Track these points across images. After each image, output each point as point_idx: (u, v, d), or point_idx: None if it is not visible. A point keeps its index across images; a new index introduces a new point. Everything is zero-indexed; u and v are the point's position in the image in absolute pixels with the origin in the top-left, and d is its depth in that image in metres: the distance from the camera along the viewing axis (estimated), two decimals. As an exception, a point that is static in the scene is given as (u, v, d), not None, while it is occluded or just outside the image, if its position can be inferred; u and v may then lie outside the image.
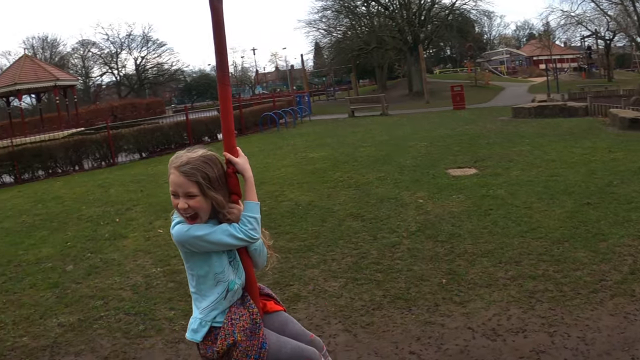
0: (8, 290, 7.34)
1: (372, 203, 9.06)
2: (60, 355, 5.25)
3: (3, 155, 21.26)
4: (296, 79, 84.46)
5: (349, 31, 58.86)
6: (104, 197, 13.27)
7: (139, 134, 23.04)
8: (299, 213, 9.03)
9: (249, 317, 2.93)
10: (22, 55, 45.14)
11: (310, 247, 7.27)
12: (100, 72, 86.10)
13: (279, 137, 22.92)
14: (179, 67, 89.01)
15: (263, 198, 10.30)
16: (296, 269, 6.53)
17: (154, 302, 6.14)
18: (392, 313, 5.06)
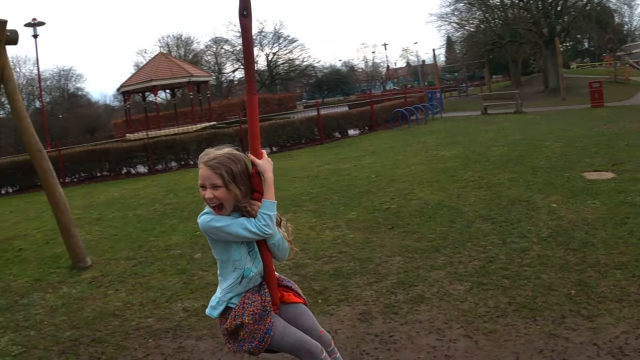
0: (137, 273, 7.76)
1: (502, 205, 8.87)
2: (182, 338, 5.48)
3: (139, 146, 22.42)
4: (427, 74, 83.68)
5: (482, 24, 57.48)
6: (234, 191, 13.68)
7: (271, 128, 23.55)
8: (427, 212, 8.98)
9: (260, 303, 3.32)
10: (158, 53, 47.17)
11: (437, 247, 7.20)
12: (232, 68, 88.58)
13: (410, 134, 22.80)
14: (309, 62, 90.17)
15: (392, 196, 10.37)
16: (421, 270, 6.47)
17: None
18: (516, 322, 4.92)
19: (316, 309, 5.69)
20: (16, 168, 22.46)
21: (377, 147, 19.14)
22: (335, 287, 6.28)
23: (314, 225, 9.12)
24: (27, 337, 6.05)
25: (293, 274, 6.86)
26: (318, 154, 19.74)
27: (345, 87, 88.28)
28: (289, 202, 11.15)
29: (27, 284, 8.13)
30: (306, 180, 13.73)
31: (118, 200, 14.85)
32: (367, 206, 9.98)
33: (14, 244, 11.12)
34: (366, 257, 7.16)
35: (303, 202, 11.01)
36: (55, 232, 10.31)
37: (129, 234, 10.33)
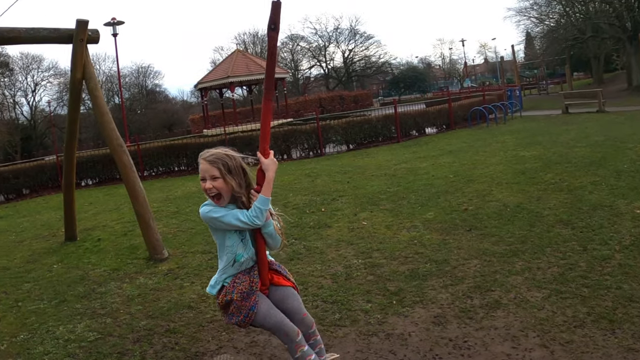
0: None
1: (584, 210, 8.65)
2: (255, 333, 5.55)
3: (216, 142, 22.73)
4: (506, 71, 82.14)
5: (562, 19, 55.89)
6: (310, 187, 13.79)
7: (347, 126, 23.61)
8: (506, 215, 8.86)
9: (248, 284, 3.88)
10: (235, 50, 47.78)
11: (515, 252, 7.08)
12: (308, 65, 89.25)
13: (488, 133, 22.49)
14: (386, 59, 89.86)
15: (470, 197, 10.29)
16: (499, 274, 6.39)
17: (352, 293, 6.31)
18: (594, 333, 4.79)
19: (390, 310, 5.73)
20: (96, 161, 23.25)
21: (455, 146, 18.98)
22: (411, 288, 6.28)
23: (390, 225, 9.14)
24: (103, 325, 6.29)
25: (368, 273, 6.92)
26: (395, 152, 19.69)
27: (422, 85, 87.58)
28: (365, 201, 11.20)
29: (105, 273, 8.47)
30: (383, 178, 13.73)
31: (195, 195, 15.16)
32: (444, 206, 9.93)
33: (93, 234, 11.53)
34: (443, 259, 7.13)
35: (380, 201, 11.03)
36: (133, 224, 10.65)
37: (206, 228, 10.50)
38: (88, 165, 23.16)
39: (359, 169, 16.23)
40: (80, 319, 6.59)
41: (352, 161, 18.57)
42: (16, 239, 12.71)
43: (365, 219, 9.72)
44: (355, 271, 7.06)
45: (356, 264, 7.33)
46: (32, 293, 8.01)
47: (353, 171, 15.82)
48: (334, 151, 23.27)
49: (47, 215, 16.01)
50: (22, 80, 68.46)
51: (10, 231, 14.08)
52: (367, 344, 5.06)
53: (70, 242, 11.14)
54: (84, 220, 13.39)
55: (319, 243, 8.56)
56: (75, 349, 5.69)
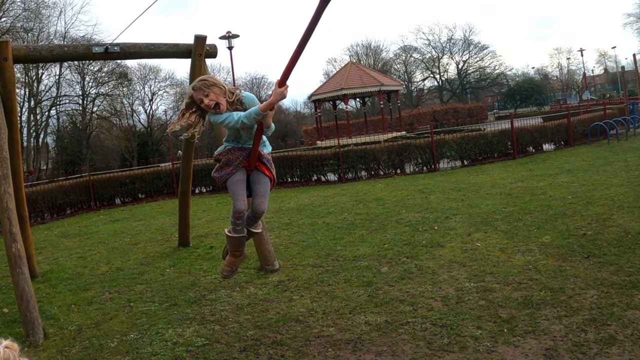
0: (323, 281, 8.08)
1: None
2: (362, 352, 5.63)
3: (329, 154, 23.06)
4: (628, 82, 78.91)
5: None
6: (423, 203, 13.77)
7: (462, 140, 23.30)
8: (627, 242, 8.46)
9: (236, 157, 5.04)
10: (348, 62, 48.25)
11: (635, 284, 6.71)
12: (422, 76, 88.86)
13: (609, 150, 21.66)
14: (501, 70, 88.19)
15: (589, 220, 10.01)
16: (616, 307, 6.08)
17: (462, 318, 6.23)
18: None
19: (500, 338, 5.63)
20: (210, 169, 23.88)
21: (574, 164, 18.40)
22: (523, 317, 6.12)
23: (504, 248, 9.01)
24: (211, 331, 6.58)
25: (480, 298, 6.84)
26: (510, 169, 19.32)
27: (539, 97, 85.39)
28: (479, 220, 11.09)
29: (216, 281, 8.81)
30: (498, 197, 13.54)
31: (307, 207, 15.41)
32: (561, 230, 9.67)
33: (205, 241, 11.95)
34: (558, 288, 6.90)
35: (495, 222, 10.89)
36: (246, 234, 10.92)
37: (317, 241, 10.72)
38: (203, 174, 23.95)
39: (473, 186, 16.05)
40: (190, 323, 6.91)
41: (467, 178, 18.37)
42: (131, 241, 13.37)
43: (479, 240, 9.61)
44: (467, 295, 6.99)
45: (468, 287, 7.25)
46: (144, 295, 8.50)
47: (467, 188, 15.66)
48: (448, 167, 23.06)
49: (162, 220, 16.72)
50: (140, 90, 71.43)
51: (125, 233, 14.81)
52: None
53: (183, 248, 11.62)
54: (197, 227, 13.89)
55: (431, 263, 8.54)
56: (182, 352, 5.99)
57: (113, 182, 24.55)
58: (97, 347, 6.45)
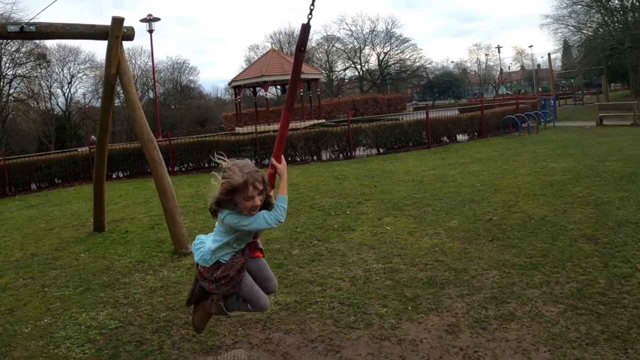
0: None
1: (609, 226, 8.51)
2: (271, 330, 5.71)
3: (247, 140, 23.00)
4: (542, 79, 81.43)
5: (601, 28, 55.33)
6: (337, 189, 13.86)
7: (378, 129, 23.59)
8: (530, 227, 8.78)
9: (243, 262, 4.31)
10: (270, 49, 48.03)
11: (535, 265, 7.01)
12: (343, 66, 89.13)
13: (520, 142, 22.33)
14: (421, 63, 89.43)
15: (496, 207, 10.27)
16: (516, 287, 6.34)
17: (369, 297, 6.37)
18: (606, 352, 4.71)
19: (405, 316, 5.78)
20: (128, 154, 23.59)
21: (485, 154, 18.90)
22: (427, 295, 6.30)
23: (413, 231, 9.16)
24: (124, 314, 6.49)
25: (387, 278, 6.97)
26: (424, 158, 19.66)
27: (457, 90, 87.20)
28: (390, 206, 11.23)
29: (130, 265, 8.70)
30: (410, 184, 13.73)
31: (224, 192, 15.29)
32: (469, 215, 9.92)
33: (121, 226, 11.74)
34: (462, 268, 7.12)
35: (405, 207, 11.05)
36: (161, 218, 10.82)
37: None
38: (120, 158, 23.51)
39: (387, 173, 16.25)
40: (103, 307, 6.79)
41: (381, 165, 18.58)
42: (46, 227, 12.99)
43: (389, 224, 9.75)
44: (374, 275, 7.12)
45: (376, 269, 7.38)
46: (58, 280, 8.29)
47: (381, 175, 15.84)
48: (364, 154, 23.28)
49: (77, 205, 16.31)
50: (59, 72, 69.48)
51: (40, 219, 14.39)
52: (379, 348, 5.11)
53: (98, 233, 11.38)
54: (113, 212, 13.61)
55: (341, 246, 8.62)
56: (95, 336, 5.89)
57: (29, 167, 23.81)
58: (11, 333, 6.25)
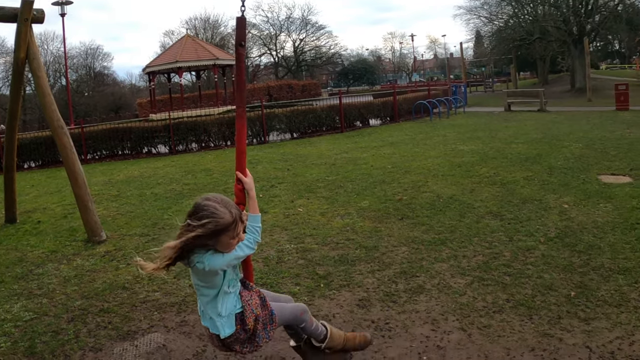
0: (149, 249, 7.89)
1: (514, 203, 8.84)
2: (186, 312, 5.67)
3: (161, 127, 22.64)
4: (455, 67, 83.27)
5: (511, 19, 56.81)
6: (251, 173, 13.78)
7: (292, 114, 23.61)
8: (438, 206, 9.00)
9: (256, 295, 3.67)
10: (185, 35, 47.36)
11: (443, 240, 7.24)
12: (259, 52, 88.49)
13: (431, 126, 22.76)
14: (336, 50, 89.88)
15: (406, 187, 10.42)
16: (425, 261, 6.55)
17: (282, 276, 6.41)
18: (512, 319, 4.94)
19: (317, 293, 5.86)
20: (39, 143, 22.76)
21: (397, 138, 19.15)
22: (339, 272, 6.39)
23: (325, 212, 9.20)
24: (39, 305, 6.24)
25: (300, 257, 7.02)
26: (337, 142, 19.75)
27: (371, 77, 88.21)
28: (303, 188, 11.23)
29: (43, 255, 8.36)
30: (323, 167, 13.78)
31: (137, 179, 15.01)
32: (379, 196, 10.03)
33: (33, 216, 11.33)
34: (372, 246, 7.25)
35: (317, 189, 11.07)
36: (74, 207, 10.49)
37: (145, 212, 10.49)
38: (32, 147, 22.65)
39: (300, 157, 16.26)
40: (17, 299, 6.52)
41: (294, 150, 18.58)
42: (-46, 220, 12.41)
43: (301, 206, 9.76)
44: (287, 255, 7.15)
45: (288, 249, 7.41)
46: (-32, 274, 7.88)
47: (294, 159, 15.84)
48: (278, 139, 23.24)
49: (-12, 197, 15.65)
50: (-33, 57, 66.41)
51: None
52: None
53: (10, 225, 10.92)
54: (25, 202, 13.12)
55: (255, 228, 8.57)
56: (10, 328, 5.65)
57: None
58: None
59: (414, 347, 4.65)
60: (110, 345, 5.10)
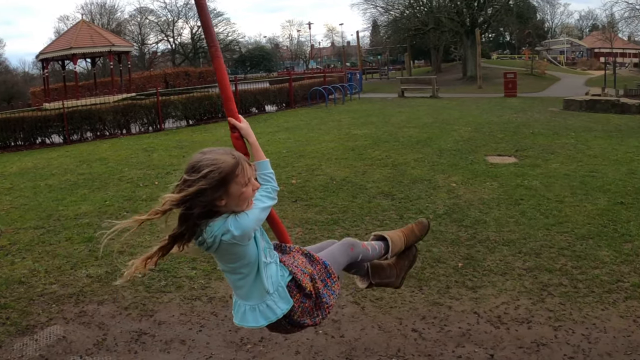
0: (45, 241, 7.70)
1: (405, 183, 9.07)
2: (84, 303, 5.58)
3: (54, 116, 21.88)
4: (351, 55, 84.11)
5: (407, 10, 58.13)
6: (146, 161, 13.57)
7: (188, 101, 23.32)
8: (331, 188, 9.11)
9: (299, 254, 3.00)
10: (80, 20, 45.86)
11: (336, 220, 7.40)
12: (156, 39, 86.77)
13: (326, 112, 22.97)
14: (234, 37, 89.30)
15: (300, 171, 10.49)
16: (318, 241, 6.56)
17: (179, 261, 6.39)
18: (403, 291, 5.14)
19: (214, 275, 5.94)
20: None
21: (292, 123, 19.23)
22: None
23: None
24: None
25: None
26: (233, 128, 19.58)
27: (269, 64, 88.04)
28: (198, 174, 11.14)
29: None
30: (218, 153, 13.68)
31: (30, 170, 14.49)
32: (274, 180, 10.04)
33: None
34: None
35: (212, 174, 10.99)
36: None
37: (39, 204, 10.16)
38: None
39: (196, 144, 16.10)
40: None
41: (190, 136, 18.39)
42: None
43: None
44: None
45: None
46: None
47: (190, 146, 15.66)
48: (174, 126, 22.91)
49: None
50: None
51: None
52: (191, 308, 5.23)
53: None
54: None
55: (150, 215, 8.45)
56: None
57: None
58: None
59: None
60: (10, 342, 4.99)
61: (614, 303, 5.04)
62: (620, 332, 4.59)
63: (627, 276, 5.57)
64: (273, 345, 4.54)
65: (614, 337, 4.52)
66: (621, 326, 4.67)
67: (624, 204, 7.89)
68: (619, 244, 6.41)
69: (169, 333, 4.73)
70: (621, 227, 6.98)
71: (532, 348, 4.38)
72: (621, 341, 4.47)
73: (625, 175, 9.59)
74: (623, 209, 7.67)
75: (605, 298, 5.13)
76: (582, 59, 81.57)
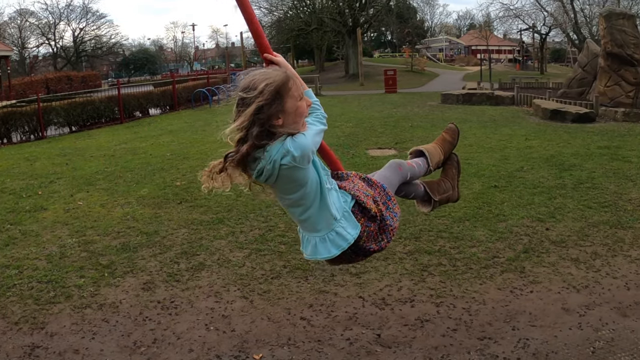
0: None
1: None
2: None
3: None
4: (236, 56, 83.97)
5: (291, 11, 58.75)
6: (29, 170, 13.17)
7: (70, 107, 22.62)
8: (216, 188, 9.17)
9: (357, 179, 2.95)
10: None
11: (221, 219, 7.54)
12: (37, 43, 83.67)
13: (210, 113, 23.10)
14: (117, 40, 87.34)
15: (184, 172, 10.55)
16: (204, 240, 6.81)
17: (66, 271, 6.28)
18: (289, 282, 5.37)
19: (102, 282, 5.87)
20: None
21: (176, 126, 19.18)
22: (122, 260, 6.44)
23: (105, 203, 9.05)
24: None
25: (82, 250, 6.92)
26: (117, 133, 19.31)
27: (153, 67, 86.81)
28: (82, 182, 10.92)
29: None
30: (102, 159, 13.46)
31: None
32: (158, 183, 10.06)
33: None
34: (153, 231, 7.35)
35: (97, 181, 10.82)
36: None
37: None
38: None
39: (79, 150, 15.73)
40: None
41: (73, 143, 17.93)
42: None
43: (81, 200, 9.51)
44: (70, 250, 7.00)
45: (70, 243, 7.24)
46: None
47: (73, 153, 15.31)
48: (57, 133, 22.24)
49: None
50: None
51: None
52: (82, 316, 5.17)
53: None
54: None
55: (35, 226, 8.22)
56: None
57: None
58: None
59: (200, 319, 4.90)
60: None
61: (491, 277, 5.44)
62: (498, 302, 4.96)
63: (502, 252, 6.02)
64: (166, 345, 4.58)
65: (492, 308, 4.87)
66: (499, 297, 5.05)
67: (497, 187, 8.46)
68: (494, 224, 6.91)
69: (62, 344, 4.69)
70: (495, 208, 7.53)
71: (417, 324, 4.64)
72: (500, 311, 4.82)
73: (498, 161, 10.18)
74: (497, 192, 8.23)
75: (482, 273, 5.52)
76: (460, 56, 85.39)
